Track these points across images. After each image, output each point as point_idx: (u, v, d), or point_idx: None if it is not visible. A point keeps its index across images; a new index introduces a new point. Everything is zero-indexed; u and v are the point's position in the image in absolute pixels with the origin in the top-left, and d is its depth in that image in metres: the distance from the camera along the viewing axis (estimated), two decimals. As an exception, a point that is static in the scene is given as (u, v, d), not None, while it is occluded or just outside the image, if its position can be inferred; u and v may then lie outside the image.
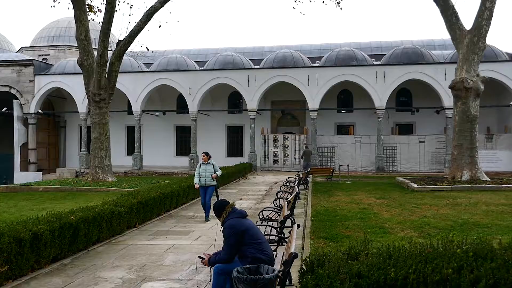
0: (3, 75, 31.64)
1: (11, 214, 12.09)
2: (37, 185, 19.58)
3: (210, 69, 30.26)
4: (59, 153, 35.18)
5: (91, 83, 20.39)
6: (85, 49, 20.31)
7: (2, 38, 48.10)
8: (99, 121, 20.37)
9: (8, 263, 5.74)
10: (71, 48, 37.57)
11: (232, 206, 5.10)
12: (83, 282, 6.05)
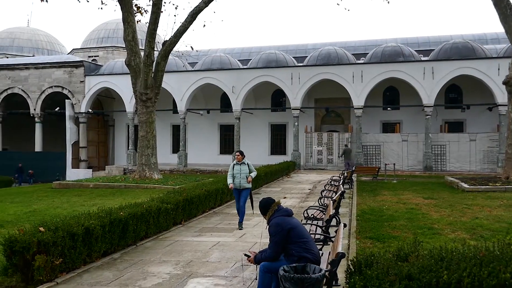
0: (56, 76, 33.05)
1: (64, 209, 12.60)
2: (87, 182, 20.31)
3: (254, 68, 30.37)
4: (108, 151, 36.38)
5: (138, 82, 20.92)
6: (132, 50, 20.85)
7: (54, 40, 50.26)
8: (146, 120, 20.88)
9: (62, 256, 5.97)
10: (119, 49, 38.77)
11: (277, 204, 5.06)
12: (132, 276, 6.20)
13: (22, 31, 48.28)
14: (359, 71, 27.58)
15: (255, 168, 10.31)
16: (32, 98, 33.34)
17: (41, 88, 33.26)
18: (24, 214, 11.88)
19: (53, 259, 5.78)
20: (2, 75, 34.08)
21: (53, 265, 5.81)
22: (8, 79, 33.91)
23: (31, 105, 33.37)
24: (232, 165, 10.02)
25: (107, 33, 41.03)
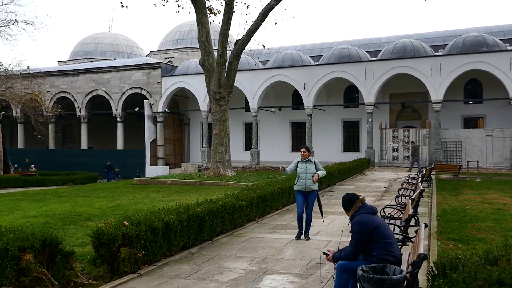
0: (135, 78, 34.79)
1: (144, 205, 13.21)
2: (165, 179, 21.15)
3: (325, 64, 29.98)
4: (183, 148, 37.71)
5: (211, 82, 21.43)
6: (206, 50, 21.39)
7: (133, 44, 52.97)
8: (219, 118, 21.35)
9: (144, 249, 6.26)
10: (193, 50, 40.00)
11: (362, 200, 4.87)
12: (209, 271, 6.36)
13: (104, 36, 51.39)
14: (437, 63, 26.26)
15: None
16: (114, 99, 35.36)
17: (122, 90, 35.17)
18: (109, 209, 12.60)
19: (136, 252, 6.08)
20: (88, 78, 36.48)
21: (136, 257, 6.11)
22: (93, 82, 36.23)
23: (113, 106, 35.39)
24: (295, 163, 8.64)
25: (181, 35, 42.50)
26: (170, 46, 42.31)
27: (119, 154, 35.18)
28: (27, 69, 33.57)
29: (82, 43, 50.84)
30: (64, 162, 34.82)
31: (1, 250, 5.46)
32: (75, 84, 36.95)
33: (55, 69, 39.75)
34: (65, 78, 37.42)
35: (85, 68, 37.52)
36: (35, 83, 33.26)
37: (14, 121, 39.36)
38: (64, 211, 12.08)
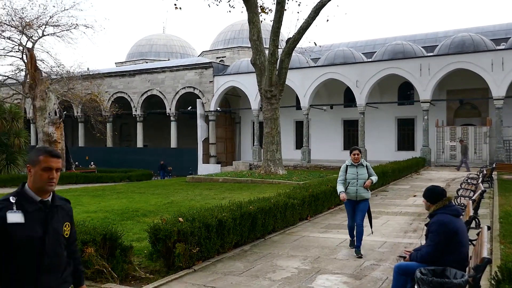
0: (188, 78, 35.54)
1: (197, 202, 13.46)
2: (217, 176, 21.47)
3: (379, 60, 29.29)
4: (234, 147, 38.12)
5: (263, 80, 21.50)
6: (257, 49, 21.48)
7: (186, 44, 54.11)
8: (270, 116, 21.39)
9: (198, 245, 6.38)
10: (244, 49, 40.30)
11: (449, 199, 4.51)
12: (262, 269, 6.39)
13: (158, 38, 52.86)
14: (499, 58, 24.95)
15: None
16: (168, 98, 36.29)
17: (175, 89, 36.05)
18: (163, 205, 12.95)
19: (191, 248, 6.20)
20: (143, 79, 37.67)
21: (191, 253, 6.24)
22: (148, 82, 37.38)
23: (167, 105, 36.34)
24: (344, 167, 7.44)
25: (233, 34, 42.95)
26: (222, 45, 42.87)
27: (173, 152, 36.09)
28: (87, 71, 35.14)
29: (138, 45, 52.54)
30: (121, 160, 36.18)
31: (66, 243, 5.74)
32: (131, 84, 38.27)
33: (113, 70, 41.33)
34: (122, 78, 38.84)
35: (140, 69, 38.78)
36: (95, 84, 34.75)
37: (75, 120, 41.35)
38: (121, 207, 12.54)
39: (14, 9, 29.32)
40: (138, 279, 5.96)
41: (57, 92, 30.48)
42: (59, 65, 31.77)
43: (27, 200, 2.50)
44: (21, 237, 2.42)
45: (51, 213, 2.56)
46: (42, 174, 2.53)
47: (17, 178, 24.31)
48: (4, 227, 2.39)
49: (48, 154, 2.56)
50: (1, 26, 29.09)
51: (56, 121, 28.87)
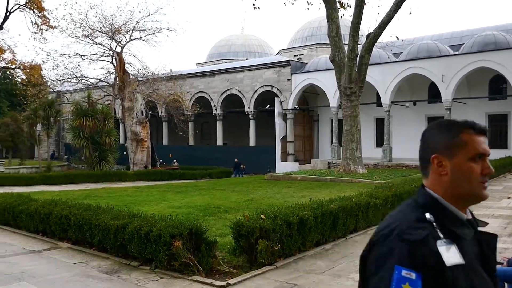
0: (266, 76, 35.86)
1: (276, 200, 13.55)
2: (295, 175, 21.46)
3: (467, 53, 27.54)
4: (312, 145, 37.87)
5: (342, 77, 21.14)
6: (336, 45, 21.15)
7: (264, 44, 54.64)
8: (350, 114, 20.97)
9: (280, 242, 6.42)
10: (322, 46, 39.85)
11: None
12: (345, 268, 6.28)
13: (237, 38, 53.91)
14: None
15: None
16: (246, 97, 36.89)
17: (253, 88, 36.54)
18: (244, 202, 13.19)
19: (273, 245, 6.26)
20: (223, 78, 38.62)
21: (273, 250, 6.29)
22: (227, 82, 38.25)
23: (246, 104, 36.95)
24: None
25: (310, 31, 42.65)
26: (299, 43, 42.73)
27: (251, 150, 36.62)
28: (170, 72, 36.72)
29: (217, 46, 53.95)
30: (202, 157, 37.39)
31: (156, 236, 6.05)
32: (211, 84, 39.40)
33: (194, 71, 42.81)
34: (202, 79, 40.11)
35: (220, 69, 39.79)
36: (177, 84, 36.22)
37: (159, 120, 43.39)
38: (204, 203, 12.96)
39: (104, 16, 31.42)
40: (222, 273, 6.12)
41: (143, 93, 32.20)
42: (145, 68, 33.59)
43: (451, 219, 1.40)
44: None
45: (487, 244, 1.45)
46: (472, 168, 1.40)
47: (108, 174, 26.08)
48: (441, 273, 1.28)
49: (477, 131, 1.43)
50: (94, 33, 31.30)
51: (143, 121, 30.50)
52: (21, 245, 8.36)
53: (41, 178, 22.99)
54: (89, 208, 8.08)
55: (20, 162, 36.41)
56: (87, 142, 28.86)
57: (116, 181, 24.90)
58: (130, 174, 26.84)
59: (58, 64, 32.19)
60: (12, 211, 9.73)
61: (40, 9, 40.04)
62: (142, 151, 30.22)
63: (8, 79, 47.40)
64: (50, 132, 35.24)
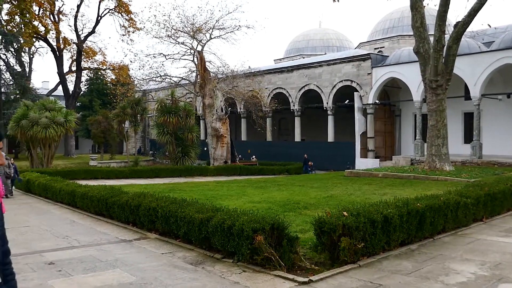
0: (345, 71, 35.15)
1: (357, 197, 13.25)
2: (376, 172, 20.84)
3: None
4: (394, 141, 36.51)
5: (427, 70, 20.13)
6: (420, 36, 20.17)
7: (343, 37, 53.57)
8: (435, 108, 19.93)
9: (363, 241, 6.25)
10: (405, 38, 38.24)
11: None
12: (433, 270, 5.97)
13: (315, 32, 53.35)
14: None
15: None
16: (325, 92, 36.41)
17: (332, 83, 35.98)
18: (323, 199, 13.05)
19: (355, 243, 6.11)
20: (300, 74, 38.45)
21: (356, 248, 6.14)
22: (305, 77, 38.01)
23: (324, 99, 36.49)
24: None
25: (391, 23, 41.09)
26: (380, 35, 41.35)
27: (329, 146, 36.13)
28: (249, 69, 37.23)
29: (295, 41, 53.78)
30: (280, 153, 37.55)
31: (238, 230, 6.15)
32: (289, 80, 39.39)
33: (272, 67, 43.03)
34: (280, 75, 40.22)
35: (298, 65, 39.64)
36: (256, 81, 36.66)
37: (238, 116, 44.21)
38: (283, 199, 13.00)
39: (186, 16, 32.58)
40: (304, 269, 6.09)
41: (223, 90, 33.00)
42: (224, 65, 34.38)
43: None
44: None
45: None
46: None
47: (190, 169, 27.09)
48: None
49: None
50: (176, 33, 32.57)
51: (223, 117, 31.26)
52: (114, 234, 8.93)
53: (130, 172, 24.41)
54: (175, 201, 8.42)
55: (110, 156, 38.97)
56: (170, 138, 30.15)
57: (197, 175, 25.80)
58: (211, 169, 27.66)
59: (144, 64, 33.95)
60: (106, 202, 10.42)
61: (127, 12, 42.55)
62: (222, 147, 30.98)
63: (100, 79, 50.79)
64: (137, 128, 37.35)
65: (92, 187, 12.19)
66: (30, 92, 40.72)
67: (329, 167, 32.87)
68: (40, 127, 23.29)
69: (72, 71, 44.17)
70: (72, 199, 12.62)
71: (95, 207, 11.09)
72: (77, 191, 12.38)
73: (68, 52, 43.51)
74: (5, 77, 42.00)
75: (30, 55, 45.66)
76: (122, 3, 41.58)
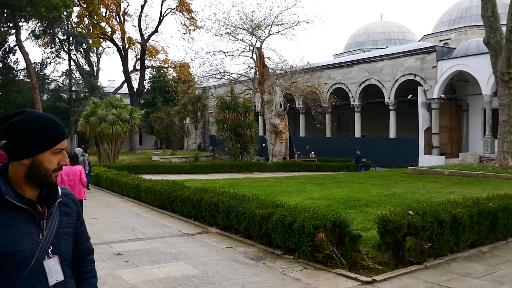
0: (408, 64, 33.93)
1: (421, 195, 12.76)
2: (442, 169, 19.99)
3: None
4: (461, 137, 34.82)
5: (498, 62, 18.99)
6: (491, 26, 19.06)
7: (405, 30, 51.76)
8: (508, 102, 18.77)
9: (430, 241, 5.99)
10: (473, 28, 36.28)
11: None
12: (507, 275, 5.62)
13: (376, 26, 51.93)
14: None
15: None
16: (386, 87, 35.36)
17: (394, 77, 34.86)
18: (385, 196, 12.68)
19: (422, 243, 5.86)
20: (361, 69, 37.59)
21: (422, 249, 5.89)
22: (366, 72, 37.11)
23: (385, 94, 35.45)
24: None
25: (458, 13, 39.11)
26: (446, 27, 39.48)
27: (391, 143, 35.08)
28: (307, 64, 36.92)
29: (355, 35, 52.65)
30: (339, 150, 36.93)
31: (299, 227, 6.10)
32: (349, 75, 38.63)
33: (331, 62, 42.40)
34: (340, 70, 39.53)
35: (358, 59, 38.77)
36: (314, 76, 36.28)
37: (296, 112, 43.99)
38: (343, 196, 12.77)
39: (245, 13, 32.84)
40: (366, 268, 5.93)
41: (281, 86, 32.93)
42: (283, 61, 34.32)
43: None
44: None
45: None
46: None
47: (249, 164, 27.32)
48: None
49: None
50: (236, 30, 32.92)
51: (281, 113, 31.23)
52: (177, 228, 9.17)
53: (190, 167, 25.02)
54: (235, 197, 8.50)
55: (172, 152, 40.15)
56: (230, 134, 30.56)
57: (256, 171, 25.98)
58: (269, 165, 27.74)
59: (204, 61, 34.77)
60: (169, 196, 10.73)
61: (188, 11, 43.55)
62: (280, 143, 30.98)
63: (162, 77, 52.45)
64: (197, 125, 38.21)
65: (155, 182, 12.59)
66: (98, 90, 42.89)
67: (390, 164, 31.91)
68: (107, 124, 24.38)
69: (136, 70, 45.90)
70: (137, 193, 13.11)
71: (158, 201, 11.45)
72: (141, 185, 12.85)
73: (132, 51, 45.26)
74: (76, 76, 44.51)
75: (98, 55, 47.98)
76: (184, 2, 42.58)
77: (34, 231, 1.66)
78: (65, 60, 45.09)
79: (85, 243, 1.95)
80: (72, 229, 1.83)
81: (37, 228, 1.67)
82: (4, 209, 1.61)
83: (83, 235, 1.94)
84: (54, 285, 1.68)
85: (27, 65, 33.98)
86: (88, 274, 1.93)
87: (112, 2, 40.95)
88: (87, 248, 1.96)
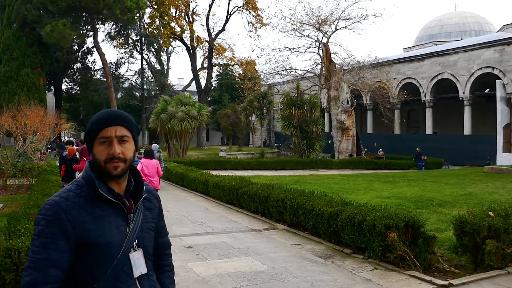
0: (485, 57, 31.97)
1: (500, 196, 12.02)
2: (523, 168, 18.67)
3: None
4: (544, 134, 32.28)
5: None
6: None
7: (482, 20, 48.85)
8: None
9: (513, 245, 5.61)
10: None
11: None
12: None
13: (449, 17, 49.46)
14: None
15: None
16: (461, 81, 33.56)
17: (469, 71, 32.99)
18: (460, 196, 12.06)
19: (504, 246, 5.51)
20: (433, 62, 35.94)
21: (504, 253, 5.54)
22: (438, 65, 35.43)
23: (460, 89, 33.66)
24: None
25: (543, 1, 36.27)
26: (528, 16, 36.82)
27: (465, 140, 33.24)
28: (375, 59, 35.86)
29: (426, 27, 50.49)
30: (408, 147, 35.51)
31: (370, 226, 5.95)
32: (420, 69, 37.07)
33: (400, 56, 40.93)
34: (410, 64, 38.05)
35: (429, 52, 37.10)
36: (383, 71, 35.19)
37: (364, 108, 42.95)
38: (414, 195, 12.30)
39: (311, 9, 32.59)
40: (442, 271, 5.67)
41: (348, 82, 32.27)
42: (350, 56, 33.62)
43: None
44: None
45: None
46: None
47: (315, 161, 27.07)
48: None
49: None
50: (301, 26, 32.69)
51: (348, 109, 30.62)
52: (244, 223, 9.29)
53: (256, 163, 25.21)
54: (303, 194, 8.45)
55: (238, 148, 40.75)
56: (295, 130, 30.43)
57: (321, 168, 25.68)
58: (335, 162, 27.33)
59: (270, 58, 34.93)
60: (236, 192, 10.88)
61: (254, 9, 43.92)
62: (347, 140, 30.41)
63: (228, 75, 53.33)
64: (263, 121, 38.45)
65: (223, 177, 12.82)
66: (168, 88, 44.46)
67: (465, 163, 30.28)
68: (176, 120, 25.19)
69: (204, 68, 47.02)
70: (206, 188, 13.42)
71: (226, 196, 11.66)
72: (210, 180, 13.14)
73: (200, 50, 46.44)
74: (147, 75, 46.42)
75: (168, 54, 49.74)
76: (250, 0, 42.98)
77: (122, 224, 1.72)
78: (137, 59, 47.31)
79: (164, 238, 2.00)
80: (154, 224, 1.87)
81: (125, 222, 1.73)
82: (97, 202, 1.68)
83: (163, 230, 1.99)
84: (138, 277, 1.73)
85: (103, 65, 35.95)
86: (166, 268, 1.98)
87: (181, 3, 42.23)
88: (166, 243, 2.01)
